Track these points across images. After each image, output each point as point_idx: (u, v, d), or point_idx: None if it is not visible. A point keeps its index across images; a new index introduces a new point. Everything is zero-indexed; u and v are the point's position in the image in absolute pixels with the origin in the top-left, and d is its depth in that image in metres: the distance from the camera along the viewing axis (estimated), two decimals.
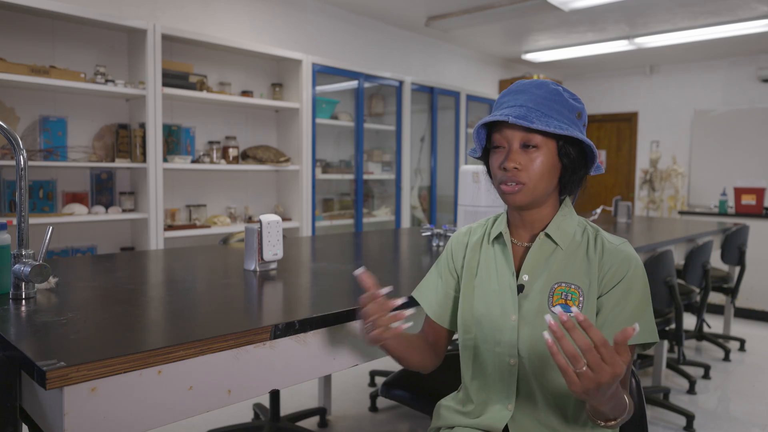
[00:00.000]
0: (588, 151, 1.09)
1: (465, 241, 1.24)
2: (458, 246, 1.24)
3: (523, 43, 5.70)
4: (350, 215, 4.59)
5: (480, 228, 1.24)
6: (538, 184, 1.06)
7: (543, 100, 1.05)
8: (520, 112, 1.04)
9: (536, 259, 1.11)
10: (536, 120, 1.02)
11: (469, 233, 1.25)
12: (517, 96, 1.07)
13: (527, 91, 1.07)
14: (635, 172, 6.78)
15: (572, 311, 0.91)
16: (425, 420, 2.65)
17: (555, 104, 1.05)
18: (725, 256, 3.51)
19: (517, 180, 1.06)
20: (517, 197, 1.07)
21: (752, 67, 5.92)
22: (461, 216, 2.35)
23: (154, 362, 0.91)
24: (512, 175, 1.06)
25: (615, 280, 1.06)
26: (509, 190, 1.07)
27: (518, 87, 1.09)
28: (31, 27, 3.01)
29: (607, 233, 1.13)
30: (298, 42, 4.31)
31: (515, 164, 1.05)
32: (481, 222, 1.25)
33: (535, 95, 1.06)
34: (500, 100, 1.11)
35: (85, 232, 3.25)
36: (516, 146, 1.06)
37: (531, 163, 1.05)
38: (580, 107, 1.09)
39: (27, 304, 1.19)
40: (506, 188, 1.07)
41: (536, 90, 1.07)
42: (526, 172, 1.05)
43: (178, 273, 1.67)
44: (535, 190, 1.07)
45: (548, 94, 1.06)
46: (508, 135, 1.07)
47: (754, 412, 2.85)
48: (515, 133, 1.06)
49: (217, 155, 3.68)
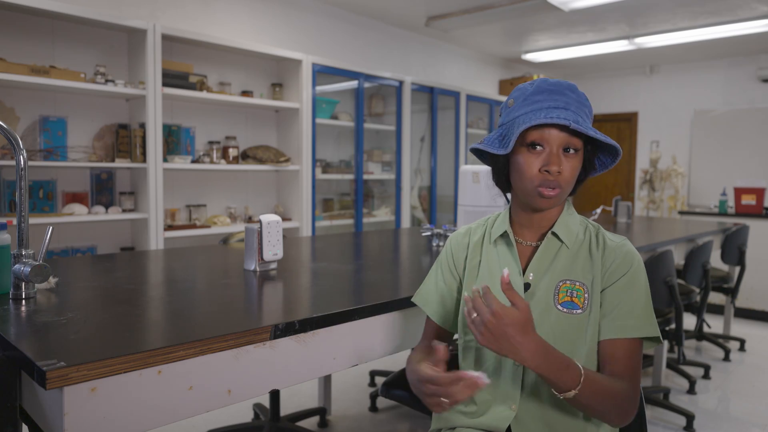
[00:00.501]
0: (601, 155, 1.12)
1: (465, 241, 1.22)
2: (458, 247, 1.22)
3: (523, 43, 5.70)
4: (350, 215, 4.59)
5: (479, 228, 1.23)
6: (567, 188, 1.07)
7: (579, 104, 1.05)
8: (573, 116, 1.02)
9: (543, 258, 1.12)
10: (583, 125, 1.02)
11: (468, 234, 1.23)
12: (554, 96, 1.04)
13: (563, 93, 1.05)
14: (635, 172, 6.78)
15: (504, 272, 0.95)
16: (425, 420, 2.65)
17: (586, 108, 1.06)
18: (725, 256, 3.51)
19: (557, 183, 1.04)
20: (553, 202, 1.07)
21: (752, 67, 5.92)
22: (461, 216, 2.35)
23: (154, 362, 0.91)
24: (554, 179, 1.04)
25: (618, 275, 1.07)
26: (551, 194, 1.05)
27: (551, 86, 1.06)
28: (31, 27, 3.01)
29: (607, 231, 1.14)
30: (298, 42, 4.31)
31: (559, 168, 1.03)
32: (479, 222, 1.24)
33: (573, 98, 1.05)
34: (532, 97, 1.06)
35: (85, 232, 3.25)
36: (556, 149, 1.04)
37: (569, 168, 1.05)
38: (590, 107, 1.10)
39: (27, 304, 1.19)
40: (548, 192, 1.04)
41: (571, 93, 1.05)
42: (563, 176, 1.04)
43: (178, 273, 1.67)
44: (566, 193, 1.08)
45: (581, 98, 1.06)
46: (548, 136, 1.03)
47: (754, 412, 2.85)
48: (559, 135, 1.03)
49: (217, 155, 3.68)
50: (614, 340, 1.05)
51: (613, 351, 1.05)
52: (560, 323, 1.07)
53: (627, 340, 1.04)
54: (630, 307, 1.05)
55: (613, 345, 1.05)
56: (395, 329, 1.36)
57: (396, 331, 1.37)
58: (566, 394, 0.96)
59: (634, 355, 1.05)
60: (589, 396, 0.96)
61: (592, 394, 0.97)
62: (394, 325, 1.36)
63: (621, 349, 1.04)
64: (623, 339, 1.04)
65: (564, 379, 0.95)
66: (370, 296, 1.37)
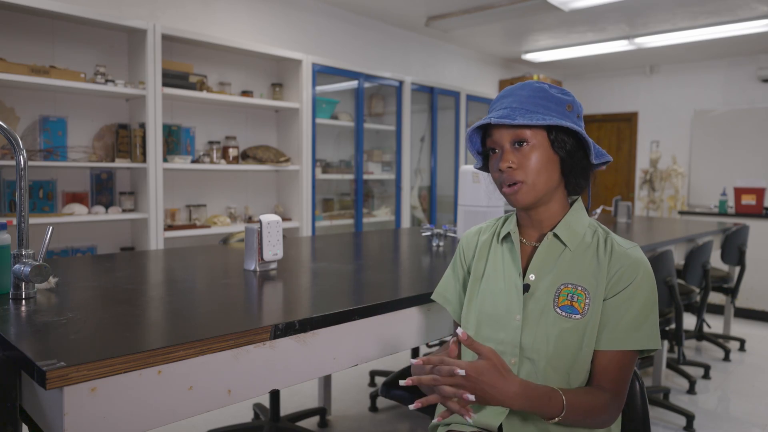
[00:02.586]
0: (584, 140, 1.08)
1: (475, 240, 1.25)
2: (468, 245, 1.26)
3: (523, 43, 5.70)
4: (350, 215, 4.58)
5: (490, 228, 1.25)
6: (537, 180, 1.07)
7: (526, 98, 1.08)
8: (503, 113, 1.07)
9: (544, 258, 1.12)
10: (519, 117, 1.05)
11: (479, 233, 1.26)
12: (502, 100, 1.11)
13: (512, 94, 1.10)
14: (635, 172, 6.78)
15: (458, 332, 0.96)
16: (425, 420, 2.65)
17: (540, 100, 1.08)
18: (725, 256, 3.51)
19: (514, 178, 1.07)
20: (519, 196, 1.08)
21: (752, 67, 5.92)
22: (461, 216, 2.35)
23: (154, 362, 0.91)
24: (508, 175, 1.08)
25: (622, 285, 1.05)
26: (510, 191, 1.09)
27: (504, 92, 1.13)
28: (31, 27, 3.00)
29: (618, 236, 1.13)
30: (298, 42, 4.31)
31: (508, 163, 1.07)
32: (491, 222, 1.27)
33: (519, 96, 1.09)
34: (490, 108, 1.14)
35: (85, 232, 3.25)
36: (507, 146, 1.08)
37: (525, 160, 1.07)
38: (569, 99, 1.10)
39: (27, 304, 1.19)
40: (507, 190, 1.09)
41: (520, 91, 1.10)
42: (521, 170, 1.07)
43: (178, 273, 1.67)
44: (536, 186, 1.08)
45: (531, 92, 1.09)
46: (497, 137, 1.09)
47: (754, 412, 2.85)
48: (504, 134, 1.08)
49: (217, 155, 3.68)
50: (608, 352, 1.05)
51: (606, 363, 1.05)
52: (557, 326, 1.07)
53: (621, 353, 1.05)
54: (630, 320, 1.04)
55: (607, 357, 1.05)
56: (395, 329, 1.36)
57: (396, 331, 1.37)
58: (551, 420, 1.00)
59: (626, 367, 1.06)
60: (573, 419, 1.01)
61: (576, 415, 1.01)
62: (394, 325, 1.36)
63: (614, 363, 1.05)
64: (617, 351, 1.05)
65: (548, 410, 0.99)
66: (370, 296, 1.38)
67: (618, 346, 1.04)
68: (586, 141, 1.07)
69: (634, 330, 1.04)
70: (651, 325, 1.05)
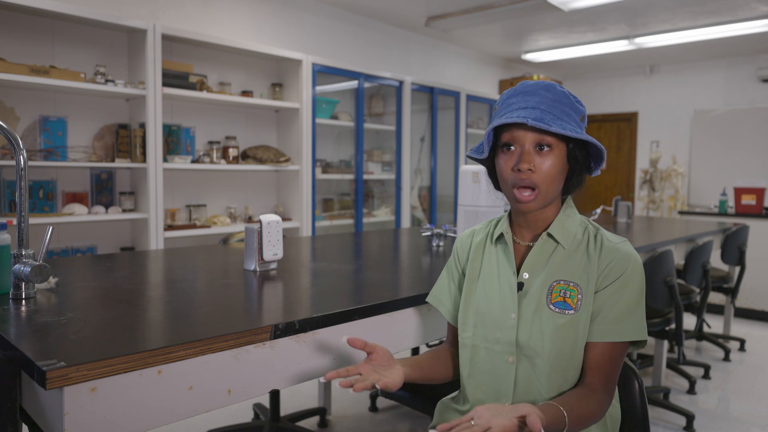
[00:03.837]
0: (594, 153, 1.10)
1: (468, 242, 1.26)
2: (462, 248, 1.26)
3: (523, 43, 5.70)
4: (350, 215, 4.58)
5: (483, 229, 1.25)
6: (549, 188, 1.07)
7: (553, 102, 1.06)
8: (535, 114, 1.03)
9: (537, 257, 1.13)
10: (552, 123, 1.02)
11: (472, 235, 1.26)
12: (526, 97, 1.07)
13: (536, 93, 1.07)
14: (635, 172, 6.78)
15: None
16: (425, 420, 2.65)
17: (564, 107, 1.06)
18: (725, 256, 3.51)
19: (531, 181, 1.05)
20: (531, 205, 1.08)
21: (752, 67, 5.92)
22: (461, 216, 2.35)
23: (154, 362, 0.91)
24: (526, 177, 1.05)
25: (612, 277, 1.07)
26: (524, 199, 1.07)
27: (525, 88, 1.08)
28: (31, 27, 3.00)
29: (608, 232, 1.14)
30: (298, 42, 4.31)
31: (529, 165, 1.05)
32: (484, 224, 1.27)
33: (545, 97, 1.06)
34: (507, 100, 1.09)
35: (85, 232, 3.25)
36: (529, 147, 1.06)
37: (543, 165, 1.05)
38: (584, 110, 1.10)
39: (27, 304, 1.19)
40: (521, 194, 1.07)
41: (545, 92, 1.06)
42: (538, 174, 1.05)
43: (178, 273, 1.67)
44: (547, 194, 1.08)
45: (557, 96, 1.07)
46: (520, 136, 1.06)
47: (754, 412, 2.85)
48: (528, 134, 1.05)
49: (217, 155, 3.68)
50: (599, 344, 1.06)
51: (598, 355, 1.06)
52: (552, 323, 1.07)
53: (611, 344, 1.06)
54: (619, 312, 1.05)
55: (598, 349, 1.06)
56: (395, 329, 1.36)
57: (396, 331, 1.37)
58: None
59: (615, 360, 1.07)
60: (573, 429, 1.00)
61: (576, 426, 1.00)
62: (394, 325, 1.36)
63: (605, 355, 1.06)
64: (607, 343, 1.06)
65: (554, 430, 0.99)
66: (370, 296, 1.38)
67: (608, 337, 1.05)
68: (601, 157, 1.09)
69: (623, 321, 1.05)
70: (639, 316, 1.06)
